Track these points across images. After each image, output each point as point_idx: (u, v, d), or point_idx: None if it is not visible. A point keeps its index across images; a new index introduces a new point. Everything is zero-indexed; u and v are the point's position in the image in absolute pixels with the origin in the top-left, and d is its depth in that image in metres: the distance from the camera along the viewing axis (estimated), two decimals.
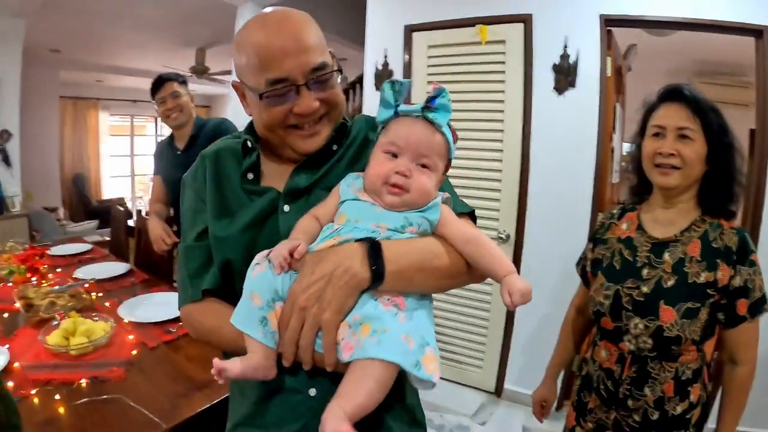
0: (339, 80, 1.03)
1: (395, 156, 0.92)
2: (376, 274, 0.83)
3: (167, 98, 2.67)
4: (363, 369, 0.77)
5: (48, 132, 7.74)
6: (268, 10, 0.99)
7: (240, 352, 0.87)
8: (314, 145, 1.01)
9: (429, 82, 3.36)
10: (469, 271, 0.94)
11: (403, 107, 0.94)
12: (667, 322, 1.35)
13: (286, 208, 1.01)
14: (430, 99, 0.91)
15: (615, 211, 1.64)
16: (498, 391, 3.37)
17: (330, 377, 0.85)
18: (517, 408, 3.21)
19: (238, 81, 1.03)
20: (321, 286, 0.82)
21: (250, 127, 1.10)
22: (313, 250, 0.88)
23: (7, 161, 5.11)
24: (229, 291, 0.99)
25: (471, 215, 1.08)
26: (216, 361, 0.84)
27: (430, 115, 0.92)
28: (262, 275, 0.86)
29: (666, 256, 1.42)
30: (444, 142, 0.94)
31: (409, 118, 0.93)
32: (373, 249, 0.84)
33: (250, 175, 1.05)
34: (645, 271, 1.43)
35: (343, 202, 0.94)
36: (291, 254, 0.85)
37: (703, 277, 1.35)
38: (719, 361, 1.48)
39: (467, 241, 0.91)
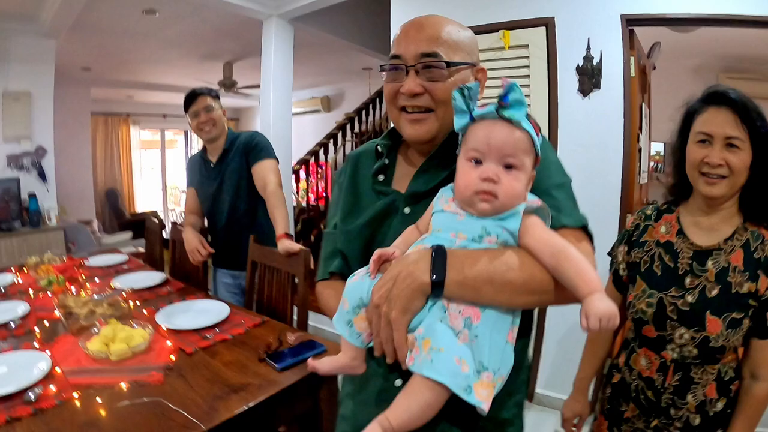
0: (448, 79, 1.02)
1: (479, 162, 0.88)
2: (435, 281, 0.83)
3: (200, 112, 2.68)
4: (415, 386, 0.81)
5: (81, 147, 7.90)
6: None
7: None
8: (416, 133, 1.05)
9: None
10: (557, 288, 0.86)
11: (477, 111, 0.89)
12: (713, 332, 1.32)
13: (407, 210, 1.07)
14: (503, 96, 0.86)
15: (649, 212, 1.57)
16: (529, 396, 3.33)
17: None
18: (549, 413, 3.17)
19: None
20: (389, 287, 0.86)
21: (391, 131, 1.18)
22: None
23: (42, 176, 5.20)
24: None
25: (584, 230, 0.99)
26: (310, 361, 1.04)
27: (507, 113, 0.86)
28: (353, 284, 0.95)
29: (709, 264, 1.37)
30: (526, 138, 0.88)
31: (486, 120, 0.89)
32: (438, 255, 0.84)
33: (381, 177, 1.15)
34: (688, 280, 1.39)
35: (434, 213, 0.96)
36: (382, 261, 0.93)
37: (746, 288, 1.32)
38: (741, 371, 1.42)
39: (553, 254, 0.84)
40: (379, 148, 1.16)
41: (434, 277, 0.82)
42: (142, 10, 4.69)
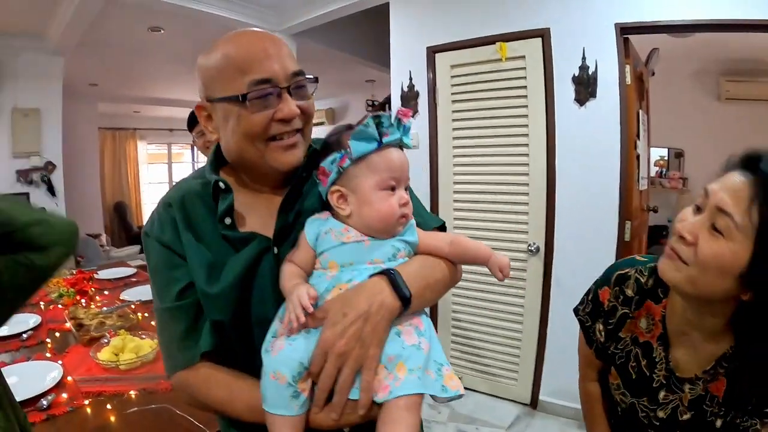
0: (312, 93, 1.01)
1: (393, 188, 0.92)
2: (405, 300, 0.85)
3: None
4: (395, 414, 0.78)
5: (89, 162, 7.90)
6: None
7: (254, 419, 0.88)
8: (294, 159, 0.96)
9: (453, 101, 3.44)
10: (456, 270, 1.02)
11: (387, 138, 0.90)
12: None
13: (275, 250, 0.96)
14: (405, 124, 0.92)
15: (630, 293, 1.21)
16: (533, 403, 3.36)
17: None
18: (553, 420, 3.20)
19: (202, 102, 1.00)
20: (359, 327, 0.81)
21: (213, 165, 1.05)
22: (320, 304, 0.86)
23: (51, 191, 5.24)
24: (224, 349, 0.96)
25: (442, 228, 1.11)
26: None
27: (405, 140, 0.93)
28: (283, 353, 0.83)
29: (686, 388, 1.13)
30: None
31: (392, 147, 0.92)
32: (395, 278, 0.86)
33: (228, 220, 0.97)
34: (662, 394, 1.17)
35: (321, 252, 0.91)
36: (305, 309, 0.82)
37: (719, 423, 1.08)
38: None
39: (451, 242, 0.98)
40: (221, 184, 0.97)
41: (402, 296, 0.85)
42: (148, 27, 4.76)
